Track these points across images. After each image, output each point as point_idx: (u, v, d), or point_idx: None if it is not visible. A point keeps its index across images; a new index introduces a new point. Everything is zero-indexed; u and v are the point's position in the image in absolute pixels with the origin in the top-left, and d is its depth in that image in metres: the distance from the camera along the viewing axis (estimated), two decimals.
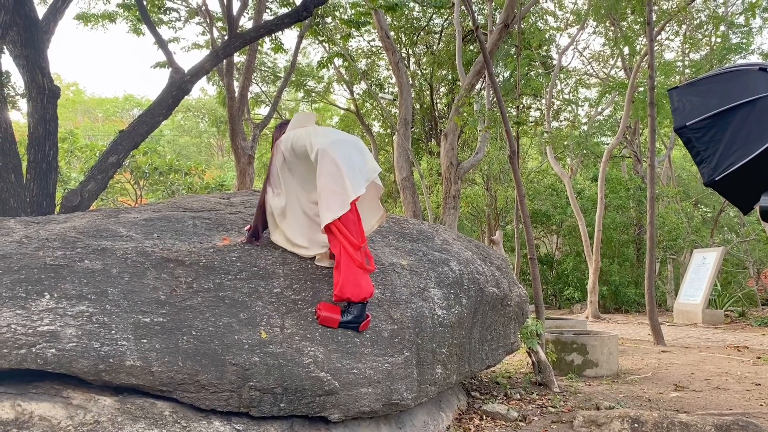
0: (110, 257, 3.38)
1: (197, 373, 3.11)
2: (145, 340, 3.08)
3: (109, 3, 12.29)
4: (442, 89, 20.71)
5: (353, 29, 14.33)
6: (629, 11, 15.03)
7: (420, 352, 3.84)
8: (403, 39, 18.83)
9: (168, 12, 12.22)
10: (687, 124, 3.35)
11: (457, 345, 4.27)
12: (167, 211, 4.42)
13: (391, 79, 19.51)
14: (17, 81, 10.82)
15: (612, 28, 17.18)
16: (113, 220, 3.97)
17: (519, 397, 5.47)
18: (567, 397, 5.58)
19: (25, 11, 5.44)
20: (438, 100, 20.71)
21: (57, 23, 6.23)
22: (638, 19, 15.17)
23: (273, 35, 11.07)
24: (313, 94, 20.70)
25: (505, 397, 5.43)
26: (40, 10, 6.31)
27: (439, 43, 19.04)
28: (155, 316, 3.18)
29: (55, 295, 3.07)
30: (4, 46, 5.27)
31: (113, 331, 3.04)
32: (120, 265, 3.35)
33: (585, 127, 19.64)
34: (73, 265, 3.26)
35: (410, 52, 19.77)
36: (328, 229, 3.53)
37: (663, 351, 9.01)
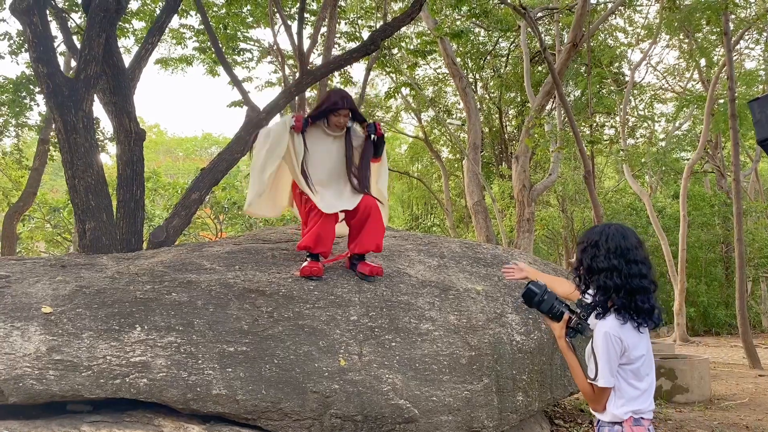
0: (195, 289, 3.53)
1: (280, 401, 3.18)
2: (230, 369, 3.19)
3: (186, 47, 12.96)
4: (511, 112, 20.53)
5: (419, 58, 14.48)
6: (704, 22, 14.51)
7: (500, 379, 3.79)
8: (470, 64, 18.84)
9: (242, 53, 12.75)
10: None
11: (538, 371, 4.17)
12: (247, 243, 4.58)
13: (459, 104, 19.55)
14: (106, 126, 11.50)
15: (686, 41, 16.62)
16: (197, 254, 4.14)
17: None
18: (656, 424, 5.34)
19: (113, 61, 5.82)
20: (507, 123, 20.54)
21: (141, 70, 6.63)
22: (714, 30, 14.61)
23: (342, 69, 11.34)
24: (382, 124, 20.94)
25: (590, 425, 5.24)
26: (126, 59, 6.73)
27: (506, 66, 18.94)
28: (239, 346, 3.29)
29: (146, 327, 3.23)
30: (95, 94, 5.63)
31: (200, 361, 3.17)
32: (205, 297, 3.49)
33: (663, 143, 18.98)
34: (161, 298, 3.42)
35: (477, 76, 19.75)
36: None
37: (760, 375, 8.48)
